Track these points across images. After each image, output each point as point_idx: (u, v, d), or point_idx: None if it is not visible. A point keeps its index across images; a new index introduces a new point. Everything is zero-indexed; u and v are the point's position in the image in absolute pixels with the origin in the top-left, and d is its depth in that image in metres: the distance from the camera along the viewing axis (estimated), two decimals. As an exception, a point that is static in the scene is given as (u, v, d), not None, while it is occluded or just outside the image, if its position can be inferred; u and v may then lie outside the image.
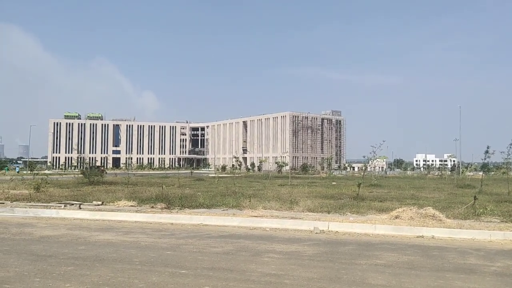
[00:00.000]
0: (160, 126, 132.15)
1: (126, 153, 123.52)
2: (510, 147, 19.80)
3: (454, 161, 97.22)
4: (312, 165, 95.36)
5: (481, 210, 12.24)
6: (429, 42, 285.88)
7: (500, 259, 7.38)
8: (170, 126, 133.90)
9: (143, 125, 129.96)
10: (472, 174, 50.65)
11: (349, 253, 7.81)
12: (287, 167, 69.77)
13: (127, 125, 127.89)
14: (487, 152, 20.04)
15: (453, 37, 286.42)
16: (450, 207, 13.41)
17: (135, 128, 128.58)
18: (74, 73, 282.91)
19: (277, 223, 11.21)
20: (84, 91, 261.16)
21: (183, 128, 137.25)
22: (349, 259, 7.27)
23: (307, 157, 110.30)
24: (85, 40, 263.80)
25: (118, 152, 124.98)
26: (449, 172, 65.08)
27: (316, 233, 10.16)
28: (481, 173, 37.40)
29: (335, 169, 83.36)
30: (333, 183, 31.31)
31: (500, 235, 9.40)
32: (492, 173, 50.47)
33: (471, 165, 60.29)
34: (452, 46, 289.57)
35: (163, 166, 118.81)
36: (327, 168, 72.75)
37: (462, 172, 52.63)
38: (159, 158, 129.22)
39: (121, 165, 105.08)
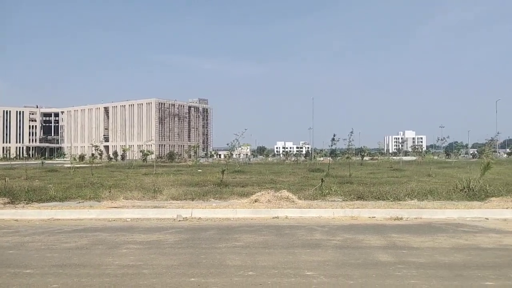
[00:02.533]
0: (4, 111, 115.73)
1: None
2: (351, 135, 22.66)
3: (308, 147, 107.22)
4: (179, 153, 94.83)
5: (327, 191, 13.75)
6: (289, 38, 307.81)
7: (340, 233, 8.42)
8: (17, 111, 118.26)
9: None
10: (322, 159, 56.59)
11: (210, 238, 8.02)
12: (153, 156, 67.98)
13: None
14: (333, 139, 22.58)
15: (309, 35, 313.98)
16: (302, 189, 14.75)
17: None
18: None
19: (138, 213, 10.88)
20: None
21: (33, 114, 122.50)
22: (210, 243, 7.47)
23: (174, 145, 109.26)
24: None
25: None
26: (304, 158, 71.47)
27: (179, 220, 10.17)
28: (329, 158, 42.03)
29: (202, 157, 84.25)
30: (198, 170, 31.62)
31: (341, 212, 10.73)
32: (339, 158, 57.02)
33: (322, 151, 67.38)
34: (308, 44, 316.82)
35: (8, 156, 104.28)
36: (193, 156, 73.10)
37: (314, 158, 58.39)
38: (3, 147, 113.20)
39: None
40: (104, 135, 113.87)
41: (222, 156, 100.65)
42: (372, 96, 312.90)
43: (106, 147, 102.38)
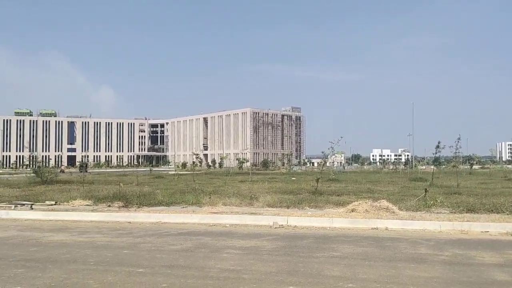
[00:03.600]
0: (118, 123, 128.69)
1: (82, 151, 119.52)
2: (458, 142, 20.85)
3: (407, 155, 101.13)
4: (273, 161, 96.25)
5: (431, 202, 12.82)
6: (385, 41, 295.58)
7: (448, 248, 7.78)
8: (129, 123, 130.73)
9: (100, 122, 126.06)
10: (424, 167, 53.02)
11: (307, 246, 7.97)
12: (248, 164, 70.02)
13: (82, 122, 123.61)
14: (438, 147, 20.99)
15: (407, 36, 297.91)
16: (403, 199, 13.96)
17: (91, 125, 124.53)
18: (25, 67, 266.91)
19: (237, 219, 11.25)
20: (36, 86, 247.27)
21: (142, 125, 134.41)
22: (307, 252, 7.43)
23: (268, 153, 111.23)
24: (37, 33, 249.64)
25: (74, 150, 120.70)
26: (403, 166, 67.60)
27: (275, 228, 10.29)
28: (432, 166, 39.19)
29: (295, 165, 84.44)
30: (292, 178, 31.74)
31: (449, 226, 9.90)
32: (443, 166, 52.93)
33: (424, 159, 63.09)
34: (406, 45, 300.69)
35: (121, 164, 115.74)
36: (287, 164, 73.56)
37: (414, 166, 54.92)
38: (117, 156, 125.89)
39: (77, 163, 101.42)
40: (203, 144, 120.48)
41: (315, 164, 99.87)
42: (481, 99, 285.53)
43: (205, 155, 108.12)
